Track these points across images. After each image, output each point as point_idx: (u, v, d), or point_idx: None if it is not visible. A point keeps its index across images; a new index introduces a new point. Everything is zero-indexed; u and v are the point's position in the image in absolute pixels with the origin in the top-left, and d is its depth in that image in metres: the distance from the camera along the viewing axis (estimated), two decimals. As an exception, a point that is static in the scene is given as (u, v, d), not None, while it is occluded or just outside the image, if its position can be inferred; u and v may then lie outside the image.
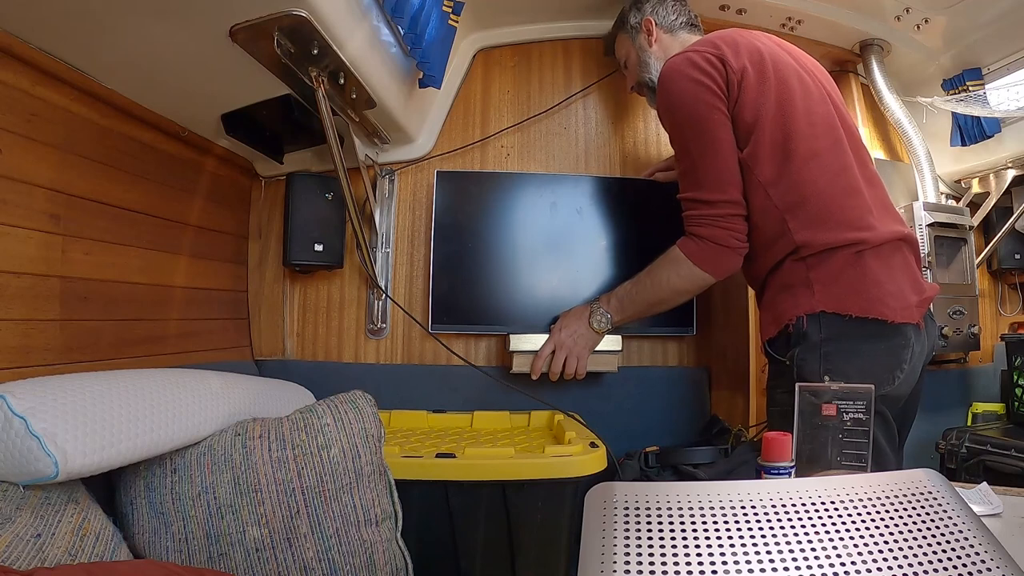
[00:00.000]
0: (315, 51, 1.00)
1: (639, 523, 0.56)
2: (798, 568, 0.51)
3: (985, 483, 0.88)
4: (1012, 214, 1.90)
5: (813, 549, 0.53)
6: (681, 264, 1.17)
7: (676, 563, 0.52)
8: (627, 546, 0.54)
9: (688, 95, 1.10)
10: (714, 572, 0.51)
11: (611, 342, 1.44)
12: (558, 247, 1.57)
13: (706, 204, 1.12)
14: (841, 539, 0.53)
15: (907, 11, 1.62)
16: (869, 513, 0.56)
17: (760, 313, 1.15)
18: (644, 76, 1.36)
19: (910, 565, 0.51)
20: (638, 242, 1.59)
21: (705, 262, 1.14)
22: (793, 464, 0.74)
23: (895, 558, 0.51)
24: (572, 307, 1.41)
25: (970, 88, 1.71)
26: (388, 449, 1.07)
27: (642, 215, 1.61)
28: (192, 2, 0.86)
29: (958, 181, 2.02)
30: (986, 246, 1.98)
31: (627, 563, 0.52)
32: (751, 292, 1.77)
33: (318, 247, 1.49)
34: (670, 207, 1.64)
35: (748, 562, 0.52)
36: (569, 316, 1.39)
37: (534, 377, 1.40)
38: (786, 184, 1.05)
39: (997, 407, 1.94)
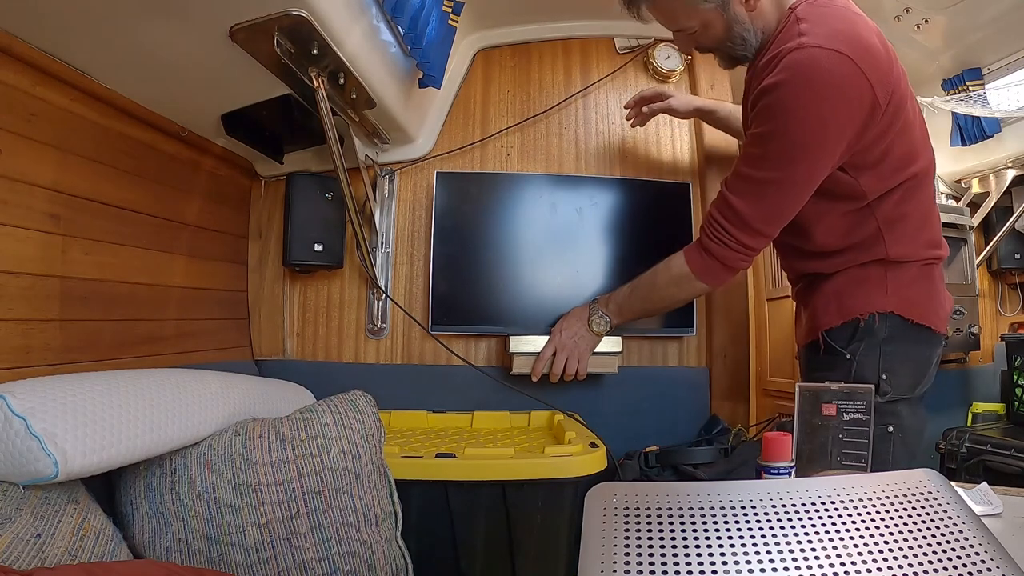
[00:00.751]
0: (315, 51, 1.00)
1: (639, 523, 0.56)
2: (798, 568, 0.51)
3: (985, 483, 0.88)
4: (1012, 214, 1.91)
5: (813, 549, 0.53)
6: (683, 277, 1.15)
7: (676, 563, 0.52)
8: (627, 546, 0.54)
9: (825, 117, 0.93)
10: (714, 572, 0.51)
11: (611, 343, 1.44)
12: (558, 248, 1.57)
13: (744, 228, 1.04)
14: (841, 539, 0.53)
15: (907, 11, 1.62)
16: (869, 513, 0.56)
17: (816, 301, 1.10)
18: (738, 52, 1.08)
19: (910, 565, 0.51)
20: (637, 242, 1.59)
21: (707, 276, 1.13)
22: (793, 464, 0.74)
23: (895, 558, 0.51)
24: (572, 308, 1.41)
25: (970, 88, 1.71)
26: (388, 449, 1.07)
27: (641, 215, 1.61)
28: (192, 2, 0.86)
29: (958, 181, 2.02)
30: (986, 246, 1.99)
31: (627, 563, 0.52)
32: (751, 293, 1.77)
33: (318, 247, 1.49)
34: (669, 207, 1.66)
35: (748, 562, 0.52)
36: (569, 318, 1.39)
37: (535, 379, 1.40)
38: (892, 201, 1.03)
39: (997, 407, 1.95)
